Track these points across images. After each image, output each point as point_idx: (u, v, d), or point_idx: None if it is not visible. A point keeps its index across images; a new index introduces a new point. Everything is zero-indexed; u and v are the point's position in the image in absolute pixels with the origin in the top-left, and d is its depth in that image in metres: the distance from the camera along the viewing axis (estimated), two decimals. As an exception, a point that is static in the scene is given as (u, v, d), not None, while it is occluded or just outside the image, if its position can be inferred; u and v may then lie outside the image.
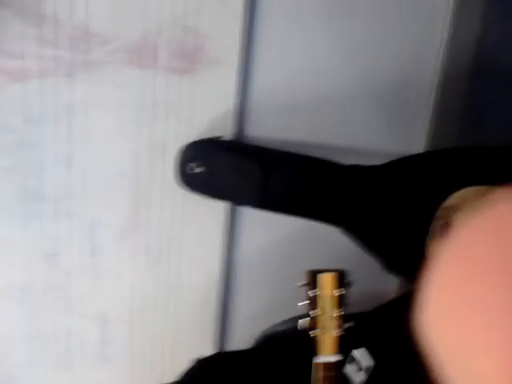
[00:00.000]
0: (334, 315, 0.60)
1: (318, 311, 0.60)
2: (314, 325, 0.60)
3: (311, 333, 0.60)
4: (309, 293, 0.60)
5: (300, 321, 0.61)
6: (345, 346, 0.61)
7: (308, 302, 0.61)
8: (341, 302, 0.60)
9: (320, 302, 0.60)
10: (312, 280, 0.61)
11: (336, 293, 0.59)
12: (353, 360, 0.65)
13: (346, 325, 0.60)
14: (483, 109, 0.85)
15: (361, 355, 0.64)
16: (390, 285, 0.88)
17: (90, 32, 0.71)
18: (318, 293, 0.60)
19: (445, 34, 0.80)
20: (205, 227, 0.82)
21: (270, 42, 0.78)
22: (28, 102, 0.72)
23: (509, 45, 0.83)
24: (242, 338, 0.87)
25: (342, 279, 0.60)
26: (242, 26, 0.74)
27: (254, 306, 0.90)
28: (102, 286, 0.83)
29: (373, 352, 0.60)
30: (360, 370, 0.64)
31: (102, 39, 0.72)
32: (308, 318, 0.61)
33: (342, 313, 0.60)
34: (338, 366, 0.60)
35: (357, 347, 0.61)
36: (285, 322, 0.77)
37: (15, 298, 0.81)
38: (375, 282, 0.82)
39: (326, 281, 0.60)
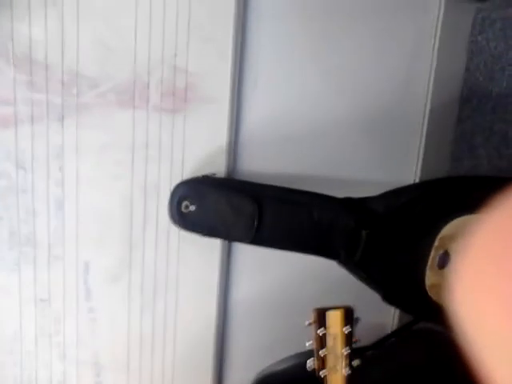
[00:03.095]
0: (343, 353, 0.59)
1: (326, 350, 0.59)
2: (322, 364, 0.59)
3: (321, 373, 0.59)
4: (318, 331, 0.60)
5: (308, 361, 0.60)
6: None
7: (316, 340, 0.60)
8: (349, 339, 0.59)
9: (329, 341, 0.59)
10: (319, 318, 0.60)
11: (345, 330, 0.59)
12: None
13: (355, 363, 0.59)
14: (474, 136, 0.88)
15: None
16: (389, 316, 0.88)
17: (80, 75, 0.71)
18: (326, 331, 0.59)
19: (433, 63, 0.82)
20: (200, 266, 0.81)
21: (260, 79, 0.78)
22: (20, 146, 0.71)
23: (493, 72, 0.85)
24: (240, 378, 0.86)
25: (349, 316, 0.59)
26: (232, 64, 0.75)
27: (251, 345, 0.88)
28: (97, 329, 0.80)
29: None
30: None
31: (92, 82, 0.71)
32: (316, 358, 0.60)
33: (350, 351, 0.59)
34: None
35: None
36: (282, 360, 0.76)
37: (7, 345, 0.78)
38: (374, 314, 0.82)
39: (335, 318, 0.59)
